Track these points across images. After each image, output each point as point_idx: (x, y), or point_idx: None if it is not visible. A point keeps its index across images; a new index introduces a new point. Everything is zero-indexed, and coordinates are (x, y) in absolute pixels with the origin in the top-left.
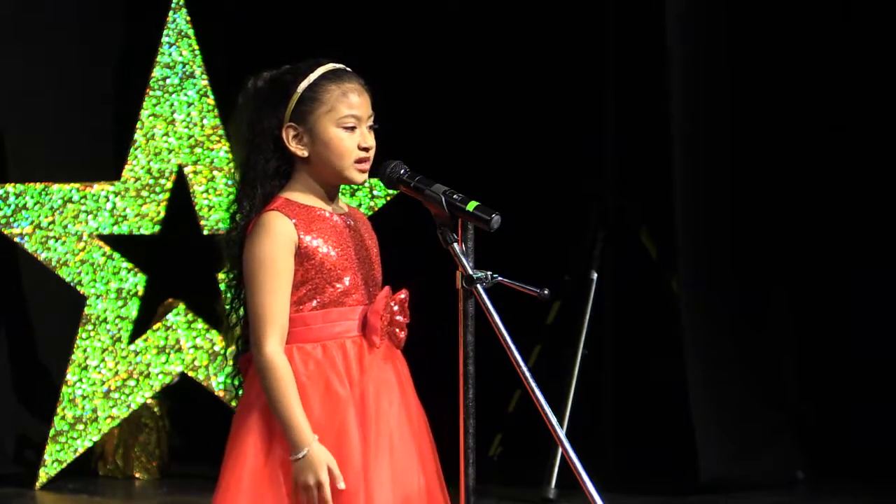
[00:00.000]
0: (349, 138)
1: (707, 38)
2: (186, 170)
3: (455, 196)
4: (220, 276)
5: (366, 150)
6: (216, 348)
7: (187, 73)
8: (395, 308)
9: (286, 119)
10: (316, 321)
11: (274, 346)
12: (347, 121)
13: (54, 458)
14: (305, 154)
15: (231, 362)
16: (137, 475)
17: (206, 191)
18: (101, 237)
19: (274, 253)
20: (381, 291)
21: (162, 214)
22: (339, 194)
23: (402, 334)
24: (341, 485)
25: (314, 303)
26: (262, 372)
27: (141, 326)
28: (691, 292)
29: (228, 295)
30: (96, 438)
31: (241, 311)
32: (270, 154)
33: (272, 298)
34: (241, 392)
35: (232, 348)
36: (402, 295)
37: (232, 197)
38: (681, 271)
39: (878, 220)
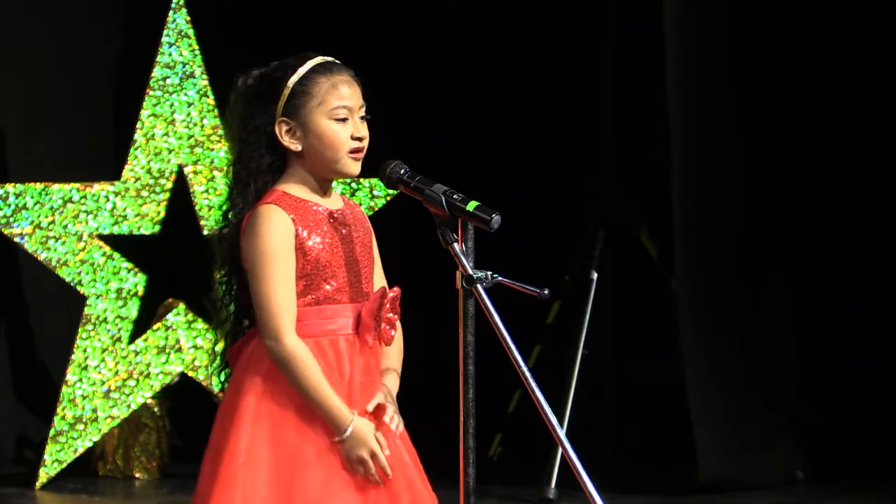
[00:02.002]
0: (342, 130)
1: (707, 38)
2: (186, 170)
3: (455, 196)
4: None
5: (359, 139)
6: (216, 348)
7: (187, 73)
8: (388, 306)
9: (278, 114)
10: (310, 317)
11: (293, 336)
12: (339, 112)
13: (54, 458)
14: (299, 148)
15: (219, 358)
16: (137, 475)
17: (206, 191)
18: (101, 237)
19: (276, 245)
20: (376, 291)
21: (162, 214)
22: (338, 191)
23: (392, 332)
24: (387, 451)
25: (309, 298)
26: (286, 363)
27: (141, 326)
28: (690, 292)
29: (220, 292)
30: (96, 438)
31: (232, 308)
32: (264, 150)
33: (282, 290)
34: (226, 385)
35: (221, 343)
36: (394, 293)
37: None
38: (680, 271)
39: (879, 220)
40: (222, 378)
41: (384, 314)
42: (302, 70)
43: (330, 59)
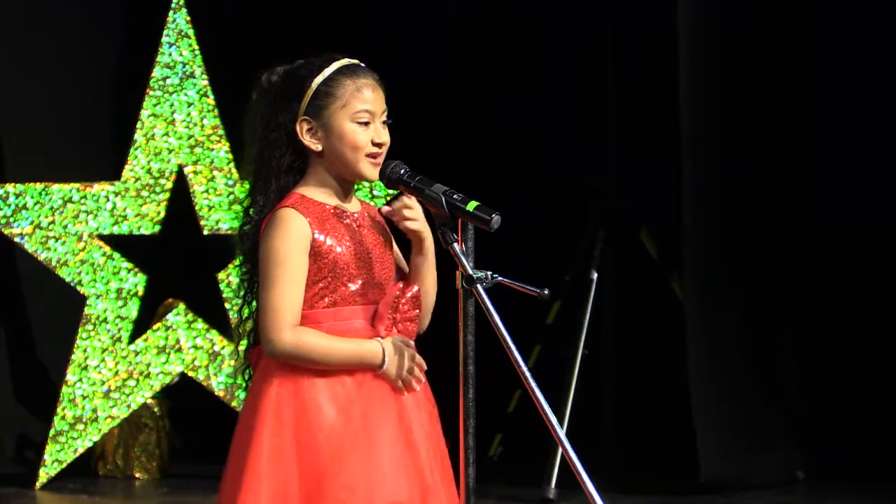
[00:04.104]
0: (363, 133)
1: (718, 36)
2: (186, 170)
3: (455, 196)
4: (220, 275)
5: (379, 145)
6: (216, 348)
7: (187, 73)
8: (405, 304)
9: (300, 113)
10: (327, 319)
11: (289, 334)
12: (361, 116)
13: (54, 458)
14: (319, 148)
15: (241, 357)
16: (137, 475)
17: (206, 191)
18: (101, 237)
19: (288, 249)
20: (394, 286)
21: (162, 214)
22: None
23: (413, 326)
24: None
25: (326, 301)
26: (294, 354)
27: (141, 326)
28: (694, 292)
29: (241, 290)
30: (96, 438)
31: (254, 306)
32: (285, 149)
33: (286, 293)
34: (250, 384)
35: (243, 343)
36: (415, 289)
37: (232, 197)
38: (685, 271)
39: (879, 221)
40: (245, 377)
41: (402, 308)
42: (327, 71)
43: (355, 61)
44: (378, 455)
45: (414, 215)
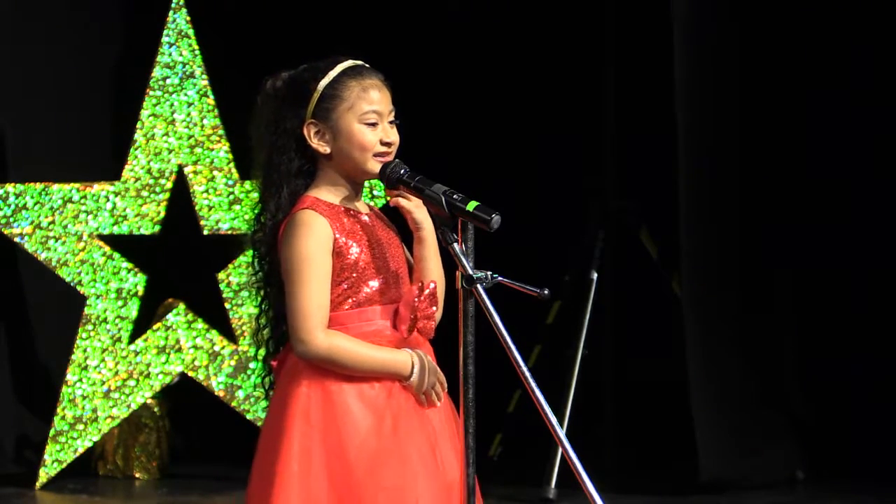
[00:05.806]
0: (371, 133)
1: (715, 33)
2: (186, 170)
3: (455, 196)
4: (220, 275)
5: (387, 144)
6: (216, 348)
7: (187, 73)
8: (423, 302)
9: (307, 117)
10: (352, 320)
11: (322, 335)
12: (369, 117)
13: (54, 458)
14: (328, 151)
15: (263, 365)
16: (137, 475)
17: (206, 191)
18: (101, 237)
19: (314, 250)
20: (411, 286)
21: (162, 214)
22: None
23: (431, 324)
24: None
25: (349, 302)
26: (327, 358)
27: (141, 326)
28: (693, 292)
29: (258, 297)
30: (96, 438)
31: (271, 313)
32: (293, 153)
33: (316, 294)
34: (272, 392)
35: (262, 351)
36: (431, 286)
37: (232, 197)
38: (683, 271)
39: (879, 220)
40: (266, 385)
41: (421, 307)
42: (332, 73)
43: (360, 62)
44: (410, 463)
45: (412, 203)
